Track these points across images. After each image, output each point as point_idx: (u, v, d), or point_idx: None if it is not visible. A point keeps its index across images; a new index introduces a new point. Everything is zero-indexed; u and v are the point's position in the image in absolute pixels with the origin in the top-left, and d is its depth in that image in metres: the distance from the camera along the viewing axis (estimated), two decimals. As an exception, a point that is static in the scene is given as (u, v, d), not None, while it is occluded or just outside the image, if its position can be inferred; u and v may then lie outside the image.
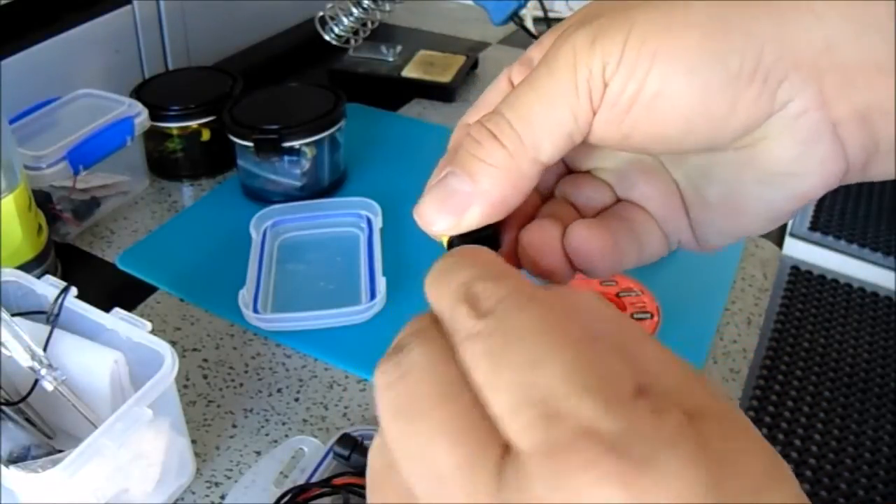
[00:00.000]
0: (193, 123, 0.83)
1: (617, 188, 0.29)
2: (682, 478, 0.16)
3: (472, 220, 0.25)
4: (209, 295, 0.69)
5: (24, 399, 0.49)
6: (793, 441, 1.44)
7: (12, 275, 0.55)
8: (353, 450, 0.51)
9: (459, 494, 0.18)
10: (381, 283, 0.68)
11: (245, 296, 0.66)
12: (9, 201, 0.62)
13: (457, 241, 0.26)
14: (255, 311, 0.66)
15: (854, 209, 2.12)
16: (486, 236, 0.26)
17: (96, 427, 0.45)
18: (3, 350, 0.47)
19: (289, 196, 0.80)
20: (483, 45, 1.17)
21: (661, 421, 0.17)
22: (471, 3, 0.94)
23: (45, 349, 0.48)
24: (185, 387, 0.61)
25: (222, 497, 0.53)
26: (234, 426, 0.58)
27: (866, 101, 0.22)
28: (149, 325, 0.51)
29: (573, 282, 0.27)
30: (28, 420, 0.51)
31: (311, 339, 0.65)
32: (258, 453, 0.56)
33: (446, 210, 0.25)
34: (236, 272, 0.69)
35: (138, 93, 0.83)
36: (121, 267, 0.73)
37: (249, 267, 0.70)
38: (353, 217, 0.77)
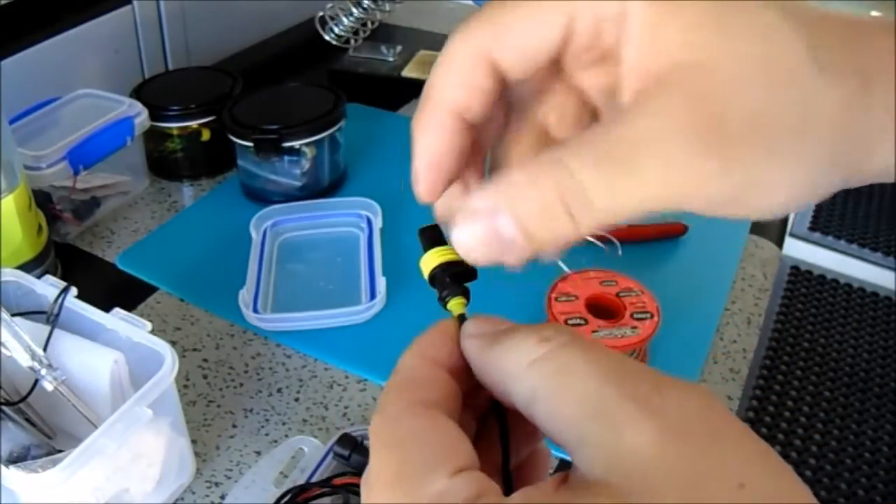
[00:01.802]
0: (193, 123, 0.83)
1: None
2: None
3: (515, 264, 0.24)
4: (209, 295, 0.69)
5: (24, 399, 0.49)
6: (793, 441, 1.44)
7: (12, 275, 0.55)
8: (353, 450, 0.51)
9: None
10: (381, 283, 0.68)
11: (245, 296, 0.66)
12: (9, 201, 0.62)
13: (439, 271, 0.26)
14: (255, 311, 0.66)
15: (854, 209, 2.12)
16: (467, 271, 0.27)
17: (96, 427, 0.45)
18: (3, 350, 0.47)
19: (289, 196, 0.80)
20: (483, 45, 1.17)
21: None
22: (471, 2, 0.94)
23: (45, 349, 0.48)
24: (185, 387, 0.61)
25: (222, 497, 0.53)
26: (234, 426, 0.58)
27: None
28: (149, 325, 0.51)
29: (575, 284, 0.27)
30: (28, 420, 0.51)
31: (311, 339, 0.65)
32: (258, 453, 0.56)
33: (492, 255, 0.24)
34: (236, 272, 0.69)
35: (138, 93, 0.83)
36: (121, 267, 0.73)
37: (249, 267, 0.70)
38: (353, 217, 0.77)
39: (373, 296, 0.67)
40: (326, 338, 0.65)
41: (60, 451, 0.48)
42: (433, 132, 0.26)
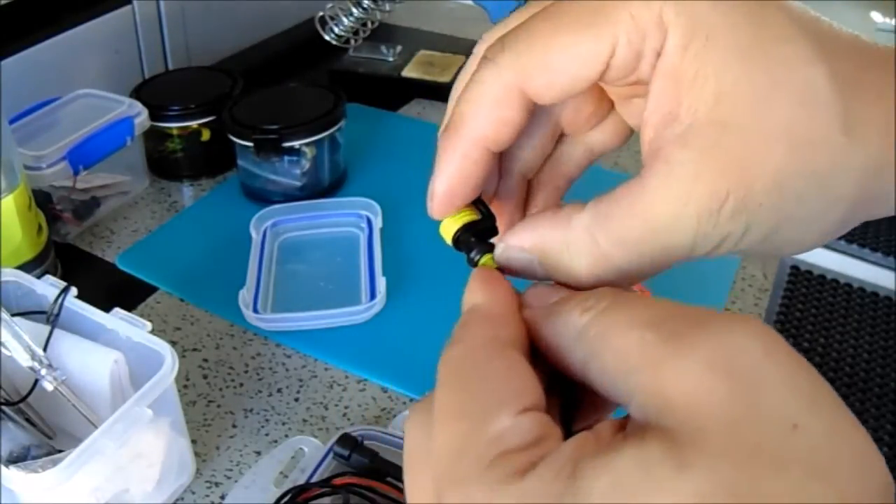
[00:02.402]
0: (193, 123, 0.83)
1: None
2: None
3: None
4: (209, 295, 0.69)
5: (24, 399, 0.49)
6: (793, 441, 1.44)
7: (12, 275, 0.55)
8: (353, 450, 0.51)
9: None
10: (381, 283, 0.68)
11: (245, 296, 0.66)
12: (9, 201, 0.62)
13: (462, 234, 0.27)
14: (255, 311, 0.66)
15: (854, 209, 2.10)
16: (488, 227, 0.27)
17: (96, 427, 0.45)
18: (3, 350, 0.47)
19: (289, 196, 0.80)
20: (483, 45, 1.17)
21: None
22: (471, 3, 0.94)
23: (45, 349, 0.48)
24: (185, 387, 0.61)
25: (222, 497, 0.53)
26: (234, 426, 0.58)
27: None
28: (149, 325, 0.51)
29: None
30: (28, 420, 0.51)
31: (311, 339, 0.65)
32: (258, 453, 0.56)
33: (523, 276, 0.26)
34: (236, 272, 0.69)
35: (138, 93, 0.83)
36: (121, 267, 0.73)
37: (249, 267, 0.70)
38: (353, 217, 0.77)
39: (373, 296, 0.67)
40: (326, 338, 0.65)
41: (60, 451, 0.48)
42: (457, 161, 0.26)
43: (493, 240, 0.27)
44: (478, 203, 0.28)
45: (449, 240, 0.28)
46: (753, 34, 0.22)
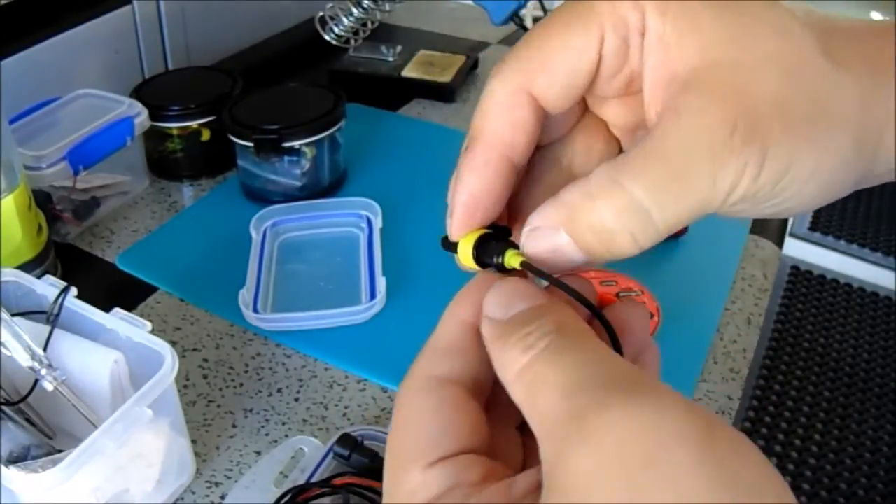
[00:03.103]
0: (193, 123, 0.83)
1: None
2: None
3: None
4: (209, 295, 0.69)
5: (24, 399, 0.49)
6: (793, 441, 1.44)
7: (12, 275, 0.55)
8: (353, 450, 0.51)
9: None
10: (381, 283, 0.68)
11: (245, 296, 0.66)
12: (9, 201, 0.62)
13: (480, 245, 0.27)
14: (255, 311, 0.66)
15: (854, 209, 2.12)
16: (505, 237, 0.27)
17: (96, 427, 0.45)
18: (3, 350, 0.47)
19: (289, 196, 0.80)
20: (483, 45, 1.17)
21: None
22: (471, 3, 0.94)
23: (45, 349, 0.48)
24: (185, 387, 0.61)
25: (222, 497, 0.53)
26: (234, 426, 0.58)
27: None
28: (149, 325, 0.51)
29: (574, 279, 0.27)
30: (28, 420, 0.51)
31: (311, 339, 0.65)
32: (258, 453, 0.56)
33: (557, 266, 0.25)
34: (236, 272, 0.69)
35: (138, 93, 0.83)
36: (121, 267, 0.73)
37: (249, 267, 0.70)
38: (353, 217, 0.77)
39: (373, 296, 0.67)
40: (326, 338, 0.65)
41: (60, 451, 0.48)
42: (478, 172, 0.26)
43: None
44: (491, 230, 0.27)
45: (469, 259, 0.27)
46: None
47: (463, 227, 0.27)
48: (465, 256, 0.27)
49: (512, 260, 0.26)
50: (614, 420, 0.18)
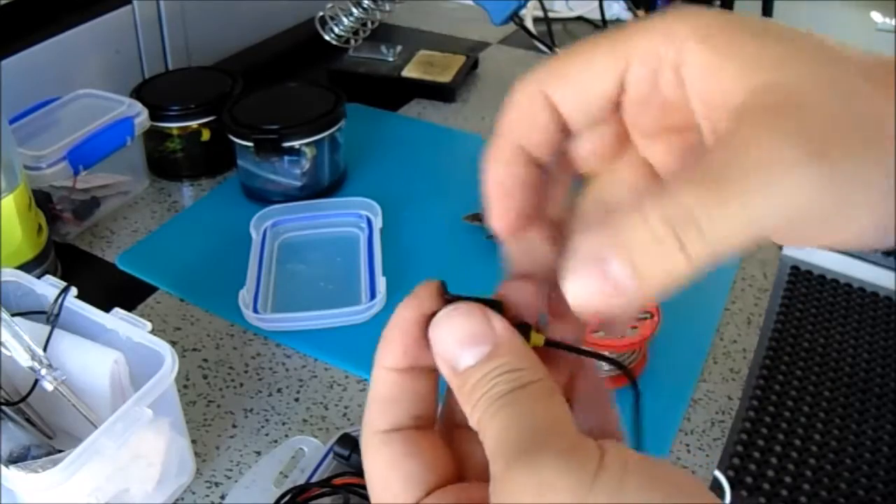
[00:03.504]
0: (193, 123, 0.83)
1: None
2: None
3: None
4: (209, 295, 0.69)
5: (24, 399, 0.49)
6: (793, 441, 1.44)
7: (12, 275, 0.55)
8: (353, 450, 0.51)
9: None
10: (381, 283, 0.68)
11: (245, 296, 0.66)
12: (9, 201, 0.62)
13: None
14: (255, 311, 0.66)
15: (854, 209, 2.09)
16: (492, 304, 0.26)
17: (96, 427, 0.45)
18: (3, 350, 0.47)
19: (289, 196, 0.80)
20: (483, 45, 1.17)
21: None
22: (471, 3, 0.94)
23: (45, 349, 0.48)
24: (185, 387, 0.61)
25: (222, 497, 0.53)
26: (234, 426, 0.58)
27: None
28: (149, 325, 0.51)
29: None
30: (28, 420, 0.51)
31: (311, 339, 0.65)
32: (258, 453, 0.56)
33: (607, 305, 0.22)
34: (236, 272, 0.69)
35: (138, 93, 0.83)
36: (121, 267, 0.73)
37: (249, 267, 0.70)
38: (353, 217, 0.77)
39: (373, 296, 0.67)
40: (326, 338, 0.65)
41: (60, 451, 0.48)
42: (499, 163, 0.27)
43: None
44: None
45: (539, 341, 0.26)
46: (753, 23, 0.24)
47: (505, 222, 0.27)
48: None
49: (536, 339, 0.25)
50: (534, 472, 0.21)
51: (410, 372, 0.25)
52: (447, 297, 0.25)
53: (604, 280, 0.22)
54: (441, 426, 0.27)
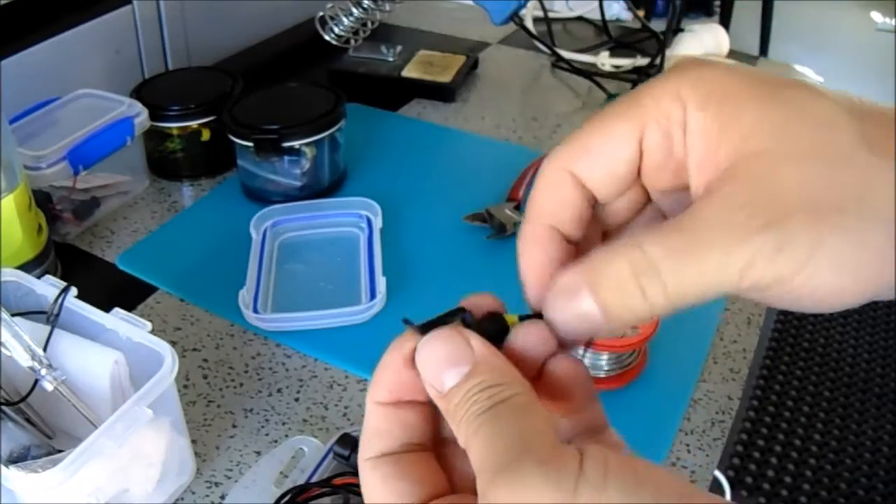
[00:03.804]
0: (193, 123, 0.83)
1: None
2: None
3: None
4: (209, 295, 0.69)
5: (24, 399, 0.49)
6: (793, 441, 1.43)
7: (12, 275, 0.55)
8: (353, 450, 0.51)
9: None
10: (381, 283, 0.68)
11: (245, 296, 0.66)
12: (9, 201, 0.62)
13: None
14: (255, 311, 0.66)
15: (854, 209, 2.09)
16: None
17: (96, 427, 0.45)
18: (3, 350, 0.47)
19: (289, 196, 0.80)
20: (483, 45, 1.17)
21: None
22: (471, 3, 0.94)
23: (45, 349, 0.48)
24: (185, 387, 0.61)
25: (222, 497, 0.53)
26: (234, 426, 0.58)
27: None
28: (149, 325, 0.51)
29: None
30: (28, 420, 0.51)
31: (311, 339, 0.65)
32: (258, 453, 0.56)
33: (578, 331, 0.25)
34: (236, 272, 0.69)
35: (138, 93, 0.83)
36: (121, 267, 0.73)
37: (249, 267, 0.70)
38: (353, 217, 0.77)
39: (373, 296, 0.67)
40: (326, 338, 0.65)
41: (60, 451, 0.48)
42: (532, 244, 0.28)
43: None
44: None
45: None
46: (761, 84, 0.25)
47: (539, 293, 0.28)
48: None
49: (511, 319, 0.27)
50: (500, 497, 0.21)
51: (397, 405, 0.27)
52: (421, 326, 0.27)
53: (577, 310, 0.25)
54: (432, 446, 0.28)
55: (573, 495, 0.20)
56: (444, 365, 0.25)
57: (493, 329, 0.27)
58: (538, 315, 0.27)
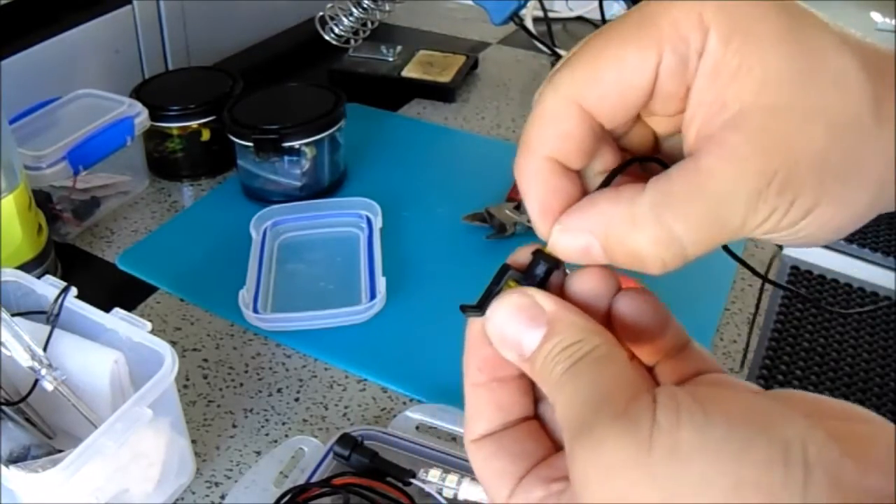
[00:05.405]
0: (193, 123, 0.83)
1: None
2: None
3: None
4: (209, 295, 0.69)
5: (24, 399, 0.49)
6: (793, 441, 1.44)
7: (12, 275, 0.55)
8: (352, 450, 0.51)
9: None
10: (381, 283, 0.68)
11: (245, 296, 0.66)
12: (9, 201, 0.62)
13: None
14: (255, 311, 0.66)
15: (854, 209, 2.10)
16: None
17: (96, 427, 0.45)
18: (3, 350, 0.47)
19: (289, 196, 0.80)
20: (483, 45, 1.17)
21: None
22: (471, 3, 0.94)
23: (45, 349, 0.48)
24: (185, 387, 0.61)
25: (222, 497, 0.53)
26: (234, 426, 0.58)
27: None
28: (149, 325, 0.51)
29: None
30: (28, 420, 0.51)
31: (311, 339, 0.65)
32: (258, 453, 0.56)
33: (580, 261, 0.26)
34: (236, 272, 0.69)
35: (138, 93, 0.83)
36: (121, 267, 0.73)
37: (249, 267, 0.70)
38: (353, 217, 0.77)
39: (373, 296, 0.67)
40: (326, 338, 0.65)
41: (60, 451, 0.48)
42: (535, 179, 0.27)
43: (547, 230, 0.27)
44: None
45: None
46: (788, 26, 0.24)
47: (547, 228, 0.27)
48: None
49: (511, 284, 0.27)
50: (595, 445, 0.22)
51: (490, 385, 0.27)
52: (479, 305, 0.27)
53: (583, 249, 0.26)
54: (534, 410, 0.28)
55: (648, 444, 0.21)
56: (519, 331, 0.25)
57: (545, 270, 0.27)
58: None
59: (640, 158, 0.28)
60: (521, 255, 0.28)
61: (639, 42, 0.24)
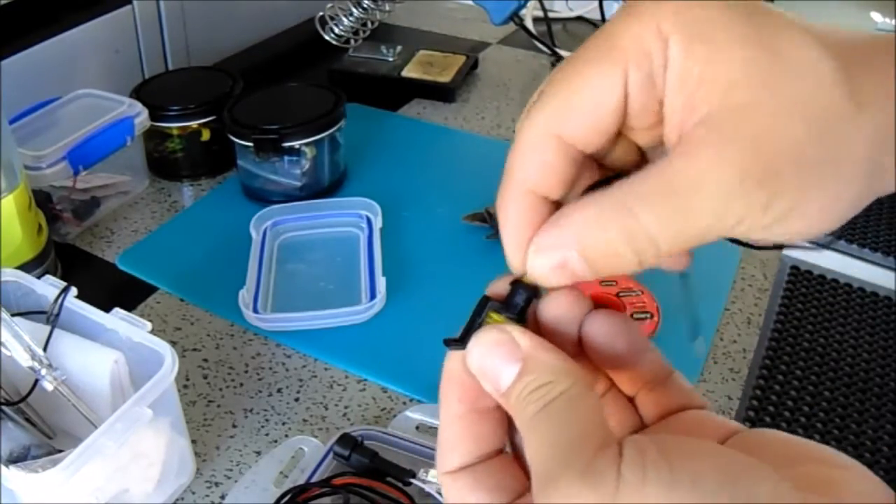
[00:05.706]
0: (193, 123, 0.83)
1: None
2: None
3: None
4: (209, 295, 0.69)
5: (24, 399, 0.49)
6: (793, 441, 1.44)
7: (12, 275, 0.55)
8: (352, 450, 0.51)
9: None
10: (381, 283, 0.68)
11: (245, 296, 0.66)
12: (9, 201, 0.62)
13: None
14: (255, 311, 0.66)
15: (854, 209, 2.10)
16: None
17: (96, 427, 0.45)
18: (3, 350, 0.47)
19: (289, 196, 0.80)
20: (483, 45, 1.17)
21: None
22: (471, 3, 0.94)
23: (45, 349, 0.48)
24: (185, 387, 0.61)
25: (222, 497, 0.53)
26: (234, 426, 0.58)
27: None
28: (149, 325, 0.51)
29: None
30: (28, 420, 0.51)
31: (311, 339, 0.65)
32: (258, 453, 0.56)
33: (561, 281, 0.26)
34: (236, 272, 0.69)
35: (138, 93, 0.83)
36: (121, 267, 0.73)
37: (249, 267, 0.70)
38: (353, 217, 0.77)
39: (373, 296, 0.67)
40: (326, 338, 0.65)
41: (60, 451, 0.48)
42: (514, 211, 0.27)
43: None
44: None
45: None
46: (749, 27, 0.23)
47: (520, 260, 0.27)
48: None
49: (495, 317, 0.27)
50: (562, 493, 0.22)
51: (469, 416, 0.27)
52: (460, 338, 0.27)
53: (561, 265, 0.25)
54: (511, 443, 0.28)
55: (613, 501, 0.21)
56: (496, 365, 0.25)
57: (523, 300, 0.27)
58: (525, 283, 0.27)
59: (614, 176, 0.27)
60: (500, 286, 0.28)
61: (603, 65, 0.25)
